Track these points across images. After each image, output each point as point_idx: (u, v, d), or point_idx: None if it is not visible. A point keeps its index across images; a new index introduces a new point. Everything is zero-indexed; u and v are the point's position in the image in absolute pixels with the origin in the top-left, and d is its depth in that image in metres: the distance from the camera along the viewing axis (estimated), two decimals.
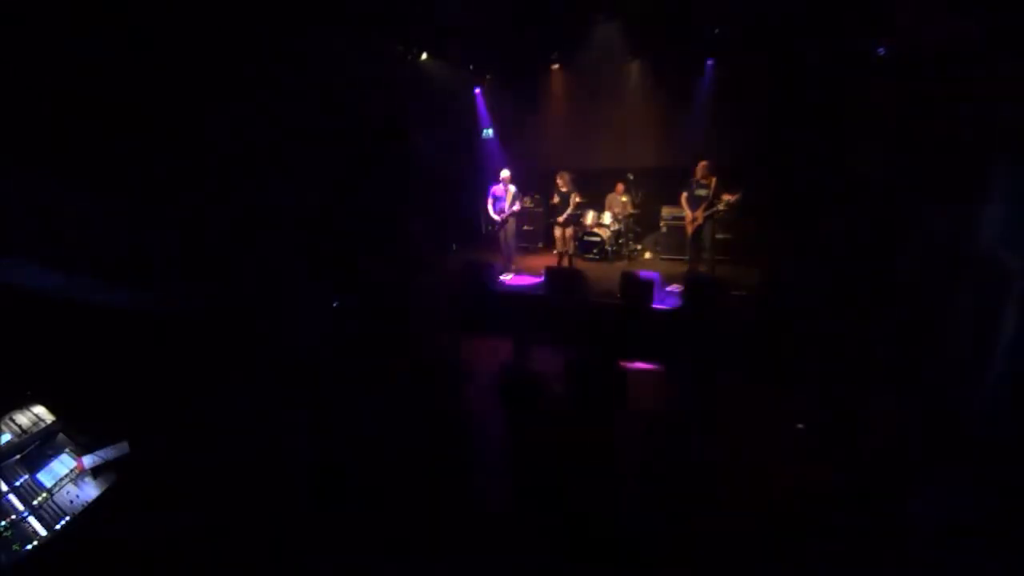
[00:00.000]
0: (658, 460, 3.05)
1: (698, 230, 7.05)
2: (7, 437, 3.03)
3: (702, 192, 6.91)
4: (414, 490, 3.59)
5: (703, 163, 6.91)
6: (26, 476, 2.93)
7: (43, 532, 2.64)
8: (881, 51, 5.24)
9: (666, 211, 8.47)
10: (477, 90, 9.83)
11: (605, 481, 3.82)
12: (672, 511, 3.24)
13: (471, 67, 9.45)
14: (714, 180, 6.84)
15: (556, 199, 7.95)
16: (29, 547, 2.55)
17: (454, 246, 8.78)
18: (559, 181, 7.89)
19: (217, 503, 3.13)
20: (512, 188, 7.99)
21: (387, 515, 3.88)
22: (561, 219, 7.96)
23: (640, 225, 8.99)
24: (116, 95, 4.61)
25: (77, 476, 2.92)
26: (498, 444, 3.73)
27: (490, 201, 8.12)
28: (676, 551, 3.31)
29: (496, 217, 8.04)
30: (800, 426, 4.29)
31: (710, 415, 2.99)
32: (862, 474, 3.90)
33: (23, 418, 3.17)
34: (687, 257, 7.52)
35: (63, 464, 2.99)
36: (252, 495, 3.20)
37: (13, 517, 2.69)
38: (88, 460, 2.91)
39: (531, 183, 9.32)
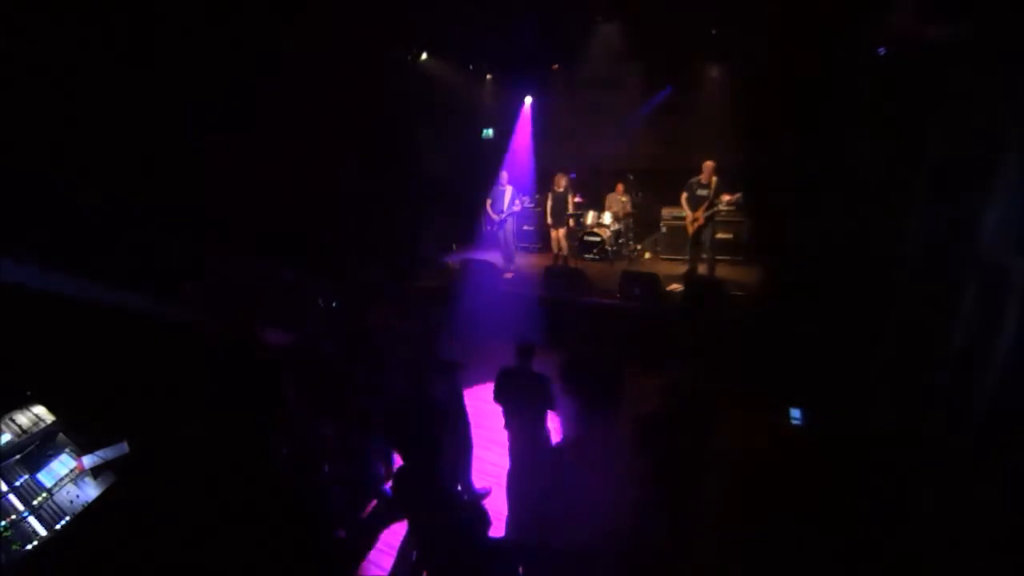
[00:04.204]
0: (657, 460, 3.05)
1: (699, 230, 7.05)
2: (7, 437, 3.04)
3: (703, 192, 6.91)
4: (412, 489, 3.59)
5: (709, 163, 6.91)
6: (26, 476, 2.93)
7: (43, 532, 2.64)
8: (881, 51, 5.24)
9: (666, 211, 8.47)
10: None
11: (604, 481, 3.82)
12: (670, 511, 3.24)
13: (471, 67, 9.45)
14: (715, 180, 6.85)
15: (550, 200, 7.98)
16: (29, 547, 2.55)
17: (454, 246, 8.78)
18: (560, 181, 7.90)
19: (215, 502, 3.13)
20: (511, 188, 8.01)
21: (386, 514, 3.88)
22: (551, 221, 8.00)
23: (640, 225, 8.99)
24: (117, 96, 4.62)
25: (77, 476, 2.92)
26: (497, 444, 3.74)
27: (489, 201, 8.13)
28: (673, 551, 3.31)
29: (495, 217, 8.06)
30: (797, 424, 4.29)
31: (709, 415, 2.99)
32: (862, 475, 3.91)
33: (23, 418, 3.17)
34: (687, 257, 7.52)
35: (63, 464, 2.99)
36: (251, 494, 3.20)
37: (13, 517, 2.69)
38: (88, 460, 2.91)
39: (530, 183, 9.34)
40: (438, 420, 3.42)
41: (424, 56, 8.31)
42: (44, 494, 2.82)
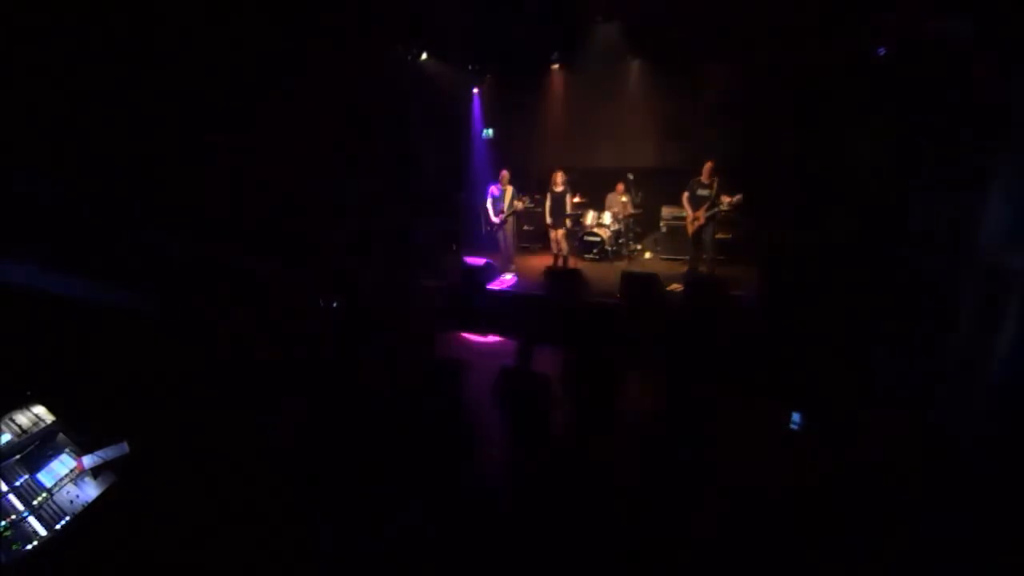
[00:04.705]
0: (655, 461, 3.05)
1: (699, 230, 7.06)
2: (7, 437, 3.04)
3: (704, 192, 6.93)
4: (413, 489, 3.59)
5: (709, 164, 6.93)
6: (26, 476, 2.93)
7: (43, 532, 2.64)
8: (881, 51, 5.25)
9: (666, 211, 8.47)
10: (475, 90, 9.82)
11: (604, 482, 3.82)
12: (668, 512, 3.24)
13: (471, 67, 9.45)
14: (716, 181, 6.86)
15: (548, 200, 7.96)
16: (29, 547, 2.55)
17: (454, 246, 8.79)
18: (556, 179, 7.88)
19: (216, 502, 3.13)
20: (511, 188, 8.00)
21: (387, 515, 3.88)
22: (550, 220, 7.97)
23: (640, 225, 8.99)
24: (118, 95, 4.62)
25: (77, 476, 2.92)
26: (497, 444, 3.74)
27: (489, 201, 8.12)
28: (671, 553, 3.31)
29: (495, 218, 8.05)
30: (794, 427, 4.29)
31: (708, 416, 2.99)
32: (858, 478, 3.90)
33: (23, 418, 3.17)
34: (687, 257, 7.53)
35: (63, 464, 2.99)
36: (251, 494, 3.20)
37: (13, 517, 2.69)
38: (88, 460, 2.91)
39: (531, 183, 9.33)
40: (439, 419, 3.43)
41: (424, 56, 8.31)
42: (44, 494, 2.82)
